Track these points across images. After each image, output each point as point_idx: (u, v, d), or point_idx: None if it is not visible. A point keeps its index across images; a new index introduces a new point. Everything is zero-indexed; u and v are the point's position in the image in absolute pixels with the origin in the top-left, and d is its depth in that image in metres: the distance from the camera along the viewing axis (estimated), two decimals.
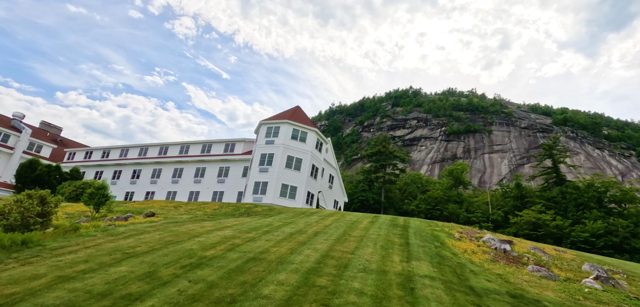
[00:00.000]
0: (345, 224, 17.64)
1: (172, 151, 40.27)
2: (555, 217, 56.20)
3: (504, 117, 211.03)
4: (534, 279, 11.89)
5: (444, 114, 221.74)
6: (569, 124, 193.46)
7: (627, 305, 10.68)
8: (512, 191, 70.05)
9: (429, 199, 70.51)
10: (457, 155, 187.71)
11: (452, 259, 13.01)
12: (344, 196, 48.25)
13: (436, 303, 7.85)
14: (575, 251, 22.38)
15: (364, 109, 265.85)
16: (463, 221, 63.83)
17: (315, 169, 33.83)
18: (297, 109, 37.35)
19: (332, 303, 6.95)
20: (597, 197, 59.95)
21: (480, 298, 8.86)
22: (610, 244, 50.01)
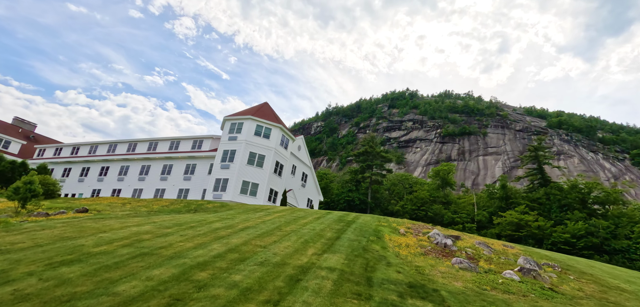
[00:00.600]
0: (287, 220, 17.53)
1: (141, 148, 40.08)
2: (538, 218, 56.15)
3: (499, 119, 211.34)
4: (451, 271, 11.82)
5: (439, 116, 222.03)
6: (564, 127, 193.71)
7: (534, 294, 10.63)
8: (498, 192, 70.00)
9: (415, 199, 70.39)
10: (452, 157, 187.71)
11: (376, 252, 12.91)
12: (319, 195, 48.02)
13: (311, 293, 7.70)
14: (523, 247, 22.35)
15: (361, 110, 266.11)
16: (447, 222, 63.74)
17: (280, 166, 33.56)
18: (265, 105, 37.21)
19: (192, 297, 6.75)
20: (581, 198, 59.89)
21: (370, 288, 8.74)
22: (590, 245, 49.93)
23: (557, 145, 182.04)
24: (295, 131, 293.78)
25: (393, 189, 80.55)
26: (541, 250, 22.97)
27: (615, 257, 47.14)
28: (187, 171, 35.19)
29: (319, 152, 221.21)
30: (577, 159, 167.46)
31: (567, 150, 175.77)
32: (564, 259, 18.42)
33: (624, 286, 14.04)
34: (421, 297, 8.66)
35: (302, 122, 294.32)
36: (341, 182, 79.39)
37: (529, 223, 55.32)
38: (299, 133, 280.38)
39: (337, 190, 75.43)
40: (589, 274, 15.35)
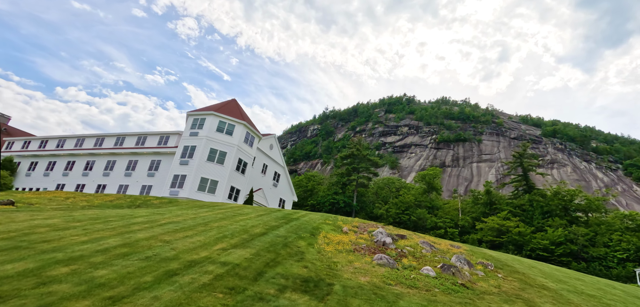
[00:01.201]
0: (225, 215, 17.37)
1: (108, 143, 39.47)
2: (519, 224, 56.16)
3: (494, 127, 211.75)
4: (366, 267, 11.75)
5: (435, 122, 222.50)
6: (558, 136, 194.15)
7: (439, 289, 10.66)
8: (482, 197, 70.03)
9: (400, 203, 70.33)
10: (446, 163, 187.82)
11: (296, 249, 12.72)
12: (293, 195, 47.74)
13: (176, 288, 7.37)
14: (470, 247, 22.37)
15: (358, 114, 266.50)
16: (430, 226, 63.71)
17: (243, 164, 33.07)
18: (231, 101, 36.96)
19: (21, 293, 6.32)
20: (563, 205, 59.91)
21: (253, 283, 8.38)
22: (568, 252, 49.91)
23: (551, 154, 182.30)
24: (291, 133, 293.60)
25: (380, 192, 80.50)
26: (490, 251, 22.96)
27: (593, 264, 47.12)
28: (151, 167, 34.79)
29: (314, 155, 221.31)
30: (570, 168, 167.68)
31: (561, 159, 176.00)
32: (506, 259, 18.44)
33: (550, 285, 14.07)
34: (305, 290, 8.54)
35: (299, 125, 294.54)
36: (327, 185, 79.35)
37: (510, 229, 55.31)
38: (296, 135, 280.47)
39: (323, 192, 75.36)
40: (522, 272, 15.38)
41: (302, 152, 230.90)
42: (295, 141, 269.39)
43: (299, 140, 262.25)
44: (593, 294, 13.54)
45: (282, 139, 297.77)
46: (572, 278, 16.44)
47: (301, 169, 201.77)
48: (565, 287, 14.01)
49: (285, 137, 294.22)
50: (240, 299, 7.26)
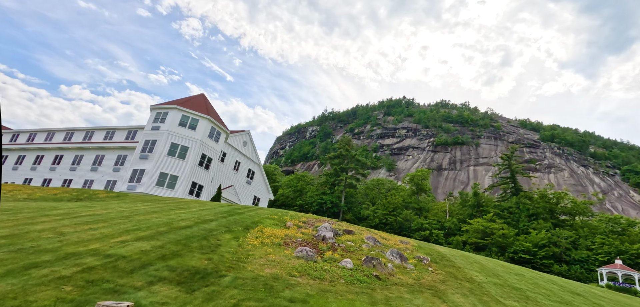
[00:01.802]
0: (161, 209, 17.03)
1: (77, 137, 39.57)
2: (503, 226, 55.89)
3: (492, 130, 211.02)
4: (281, 260, 11.61)
5: (433, 125, 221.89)
6: (556, 140, 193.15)
7: (346, 279, 10.67)
8: (470, 199, 69.73)
9: (387, 204, 70.15)
10: (443, 166, 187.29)
11: (215, 242, 12.37)
12: (269, 193, 47.42)
13: (13, 280, 7.14)
14: (419, 242, 22.31)
15: (356, 116, 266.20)
16: (415, 228, 63.43)
17: (207, 159, 32.76)
18: (199, 96, 36.67)
19: None
20: (549, 208, 59.58)
21: (127, 275, 8.24)
22: (550, 255, 49.58)
23: (548, 158, 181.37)
24: (290, 135, 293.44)
25: (369, 193, 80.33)
26: (439, 247, 22.81)
27: (574, 267, 46.78)
28: (117, 162, 34.53)
29: (312, 156, 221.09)
30: (567, 173, 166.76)
31: (559, 164, 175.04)
32: (451, 255, 18.37)
33: (479, 278, 14.02)
34: (182, 283, 8.32)
35: (298, 126, 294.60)
36: (316, 185, 79.23)
37: (495, 231, 55.06)
38: (294, 137, 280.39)
39: (311, 193, 75.23)
40: (457, 267, 15.38)
41: (300, 153, 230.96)
42: (293, 142, 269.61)
43: (298, 142, 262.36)
44: (520, 288, 13.48)
45: (281, 140, 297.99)
46: (511, 274, 16.36)
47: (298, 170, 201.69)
48: (495, 281, 13.96)
49: (284, 138, 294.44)
50: (90, 292, 6.99)
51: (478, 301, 10.58)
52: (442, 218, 68.39)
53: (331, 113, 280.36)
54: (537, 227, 54.77)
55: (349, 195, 75.32)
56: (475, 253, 55.74)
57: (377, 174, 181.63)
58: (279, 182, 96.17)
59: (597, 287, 24.28)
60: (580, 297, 14.20)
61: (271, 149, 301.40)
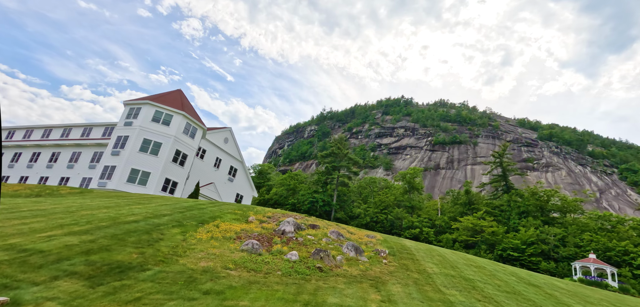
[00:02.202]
0: (108, 205, 16.48)
1: (55, 134, 39.35)
2: (493, 224, 55.80)
3: (490, 130, 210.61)
4: (221, 253, 11.38)
5: (431, 124, 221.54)
6: (554, 139, 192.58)
7: (283, 270, 10.67)
8: (462, 197, 69.64)
9: (379, 203, 70.16)
10: (440, 165, 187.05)
11: (156, 236, 12.24)
12: (253, 191, 47.15)
13: None
14: (385, 236, 22.26)
15: (355, 115, 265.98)
16: (406, 226, 63.39)
17: (181, 155, 32.59)
18: (175, 92, 36.14)
19: None
20: (539, 206, 59.46)
21: (33, 270, 8.05)
22: (539, 252, 49.48)
23: (546, 157, 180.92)
24: (289, 134, 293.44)
25: (362, 192, 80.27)
26: (407, 241, 22.71)
27: (561, 264, 46.67)
28: (93, 159, 34.19)
29: (310, 155, 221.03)
30: (565, 172, 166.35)
31: (556, 163, 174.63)
32: (415, 248, 18.34)
33: (432, 270, 13.97)
34: (93, 277, 8.13)
35: (297, 126, 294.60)
36: (308, 183, 79.17)
37: (484, 229, 54.98)
38: (293, 136, 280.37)
39: (304, 191, 75.18)
40: (416, 259, 15.32)
41: (298, 153, 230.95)
42: (292, 141, 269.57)
43: (296, 141, 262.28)
44: (472, 279, 13.44)
45: (280, 139, 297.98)
46: (471, 266, 16.30)
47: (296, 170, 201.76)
48: (448, 272, 13.92)
49: (283, 137, 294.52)
50: None
51: (417, 290, 10.54)
52: (434, 216, 68.30)
53: (330, 112, 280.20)
54: (527, 224, 54.67)
55: (341, 193, 75.26)
56: (464, 251, 55.71)
57: (375, 173, 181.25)
58: (273, 181, 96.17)
59: (566, 281, 24.23)
60: (535, 288, 14.13)
61: (270, 148, 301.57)
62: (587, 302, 13.79)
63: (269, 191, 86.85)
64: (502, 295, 11.62)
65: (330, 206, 71.28)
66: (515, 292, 12.61)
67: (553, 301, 12.49)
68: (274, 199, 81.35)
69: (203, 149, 39.64)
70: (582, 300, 14.05)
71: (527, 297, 12.18)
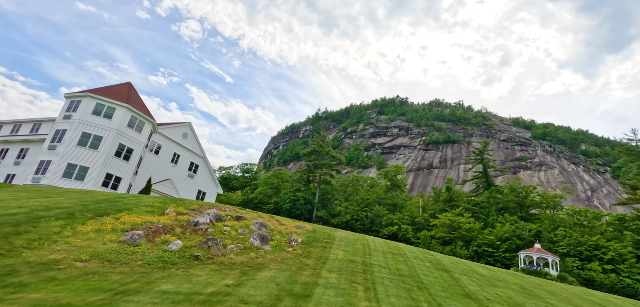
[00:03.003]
0: (12, 198, 15.72)
1: (5, 130, 38.01)
2: (470, 220, 55.57)
3: (484, 129, 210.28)
4: (91, 244, 10.85)
5: (426, 123, 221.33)
6: (548, 138, 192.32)
7: (147, 259, 10.37)
8: (443, 194, 69.37)
9: (360, 200, 69.85)
10: (433, 164, 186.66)
11: (25, 229, 11.66)
12: (217, 188, 46.49)
13: None
14: (316, 226, 21.99)
15: (350, 115, 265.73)
16: (386, 223, 63.05)
17: (126, 150, 31.94)
18: (123, 85, 35.12)
19: None
20: (518, 202, 59.20)
21: None
22: (513, 248, 49.23)
23: (539, 156, 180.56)
24: (284, 134, 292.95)
25: (346, 189, 79.96)
26: (341, 232, 22.46)
27: None
28: (19, 156, 33.32)
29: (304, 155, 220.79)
30: (558, 170, 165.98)
31: (549, 162, 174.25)
32: (340, 237, 18.09)
33: (338, 256, 13.71)
34: None
35: (292, 126, 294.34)
36: (291, 182, 78.87)
37: (461, 225, 54.73)
38: (288, 136, 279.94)
39: (286, 190, 74.90)
40: (327, 247, 15.07)
41: (293, 153, 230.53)
42: (287, 142, 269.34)
43: (291, 141, 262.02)
44: (373, 264, 13.18)
45: (275, 140, 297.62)
46: (387, 254, 16.05)
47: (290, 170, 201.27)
48: (350, 258, 13.68)
49: (278, 138, 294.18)
50: None
51: (290, 274, 10.28)
52: (416, 214, 68.00)
53: (325, 113, 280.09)
54: (502, 220, 54.46)
55: (324, 191, 74.95)
56: (441, 247, 55.45)
57: (368, 173, 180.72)
58: (260, 180, 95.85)
59: (512, 271, 23.97)
60: (442, 273, 13.83)
61: (266, 149, 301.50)
62: (493, 285, 13.51)
63: (253, 190, 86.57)
64: (389, 278, 11.36)
65: (311, 204, 70.95)
66: (411, 275, 12.34)
67: (449, 282, 12.22)
68: (258, 198, 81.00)
69: (158, 144, 39.27)
70: (488, 282, 13.78)
71: (420, 279, 11.92)
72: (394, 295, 9.57)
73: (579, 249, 43.60)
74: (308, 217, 71.09)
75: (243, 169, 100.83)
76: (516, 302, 11.62)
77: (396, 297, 9.43)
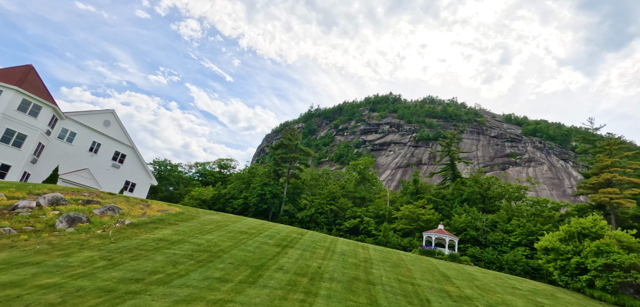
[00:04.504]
0: None
1: None
2: (431, 212, 54.77)
3: (475, 125, 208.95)
4: None
5: (417, 120, 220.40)
6: (538, 134, 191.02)
7: None
8: (410, 187, 68.55)
9: (327, 194, 69.03)
10: (423, 161, 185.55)
11: None
12: (150, 179, 45.10)
13: None
14: (183, 208, 21.21)
15: (343, 112, 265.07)
16: (349, 216, 62.24)
17: (18, 136, 30.24)
18: (20, 67, 32.88)
19: None
20: (481, 193, 58.36)
21: None
22: (468, 238, 48.48)
23: (529, 152, 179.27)
24: (278, 132, 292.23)
25: (319, 182, 79.20)
26: (211, 212, 21.72)
27: (487, 249, 45.53)
28: None
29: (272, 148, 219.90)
30: (547, 167, 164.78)
31: (539, 158, 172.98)
32: (176, 212, 17.32)
33: (212, 240, 12.95)
34: None
35: (285, 123, 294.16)
36: (261, 176, 78.13)
37: (420, 216, 53.95)
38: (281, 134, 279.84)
39: (254, 184, 74.18)
40: (146, 230, 14.31)
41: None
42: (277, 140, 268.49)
43: None
44: (224, 248, 12.41)
45: (269, 137, 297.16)
46: (224, 231, 15.28)
47: None
48: (162, 237, 12.93)
49: (272, 135, 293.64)
50: None
51: (44, 250, 9.58)
52: (384, 207, 67.19)
53: (317, 110, 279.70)
54: (461, 211, 53.69)
55: (294, 186, 74.23)
56: (401, 239, 54.61)
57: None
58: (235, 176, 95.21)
59: (413, 253, 23.19)
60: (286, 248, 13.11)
61: (259, 147, 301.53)
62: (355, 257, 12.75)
63: (226, 186, 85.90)
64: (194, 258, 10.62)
65: (279, 198, 70.21)
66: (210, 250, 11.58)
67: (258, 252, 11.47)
68: (231, 194, 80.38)
69: (72, 132, 37.80)
70: (352, 255, 13.03)
71: (230, 252, 11.17)
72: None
73: (531, 238, 42.77)
74: (276, 211, 70.44)
75: (220, 164, 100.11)
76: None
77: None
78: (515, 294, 15.94)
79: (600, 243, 23.96)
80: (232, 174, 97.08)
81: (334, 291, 10.18)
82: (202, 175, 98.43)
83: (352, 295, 10.21)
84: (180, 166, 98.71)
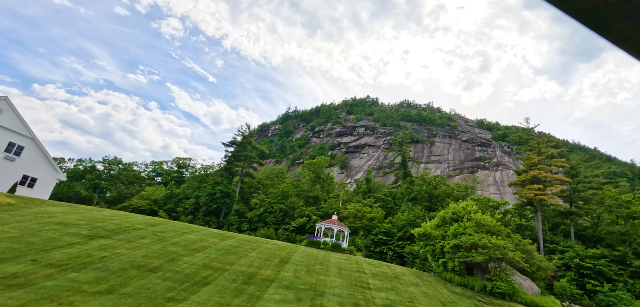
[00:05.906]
0: None
1: None
2: (376, 209, 54.15)
3: (448, 130, 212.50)
4: None
5: (392, 123, 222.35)
6: (507, 139, 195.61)
7: None
8: (362, 186, 67.88)
9: (279, 193, 67.52)
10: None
11: None
12: (57, 173, 41.96)
13: None
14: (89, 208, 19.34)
15: (320, 114, 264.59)
16: (297, 215, 60.88)
17: None
18: None
19: None
20: (428, 192, 58.22)
21: None
22: (407, 236, 47.98)
23: (498, 156, 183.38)
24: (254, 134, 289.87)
25: (269, 183, 77.56)
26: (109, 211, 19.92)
27: (420, 243, 45.07)
28: None
29: (269, 154, 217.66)
30: (513, 171, 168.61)
31: (506, 162, 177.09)
32: None
33: None
34: None
35: (263, 125, 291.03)
36: (214, 175, 75.90)
37: (364, 214, 53.19)
38: (258, 135, 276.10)
39: (207, 183, 71.91)
40: None
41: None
42: (256, 140, 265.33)
43: (259, 140, 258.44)
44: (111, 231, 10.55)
45: None
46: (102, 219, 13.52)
47: None
48: None
49: None
50: None
51: None
52: (336, 206, 66.21)
53: (294, 112, 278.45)
54: (405, 209, 53.30)
55: (248, 185, 72.35)
56: (350, 236, 53.69)
57: (329, 172, 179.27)
58: None
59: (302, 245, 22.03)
60: None
61: None
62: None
63: (180, 186, 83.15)
64: None
65: (230, 197, 68.15)
66: None
67: None
68: (184, 193, 77.79)
69: None
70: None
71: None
72: None
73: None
74: (227, 211, 68.37)
75: (178, 163, 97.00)
76: None
77: None
78: (362, 276, 14.91)
79: (457, 226, 24.69)
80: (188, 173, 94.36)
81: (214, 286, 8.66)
82: (159, 174, 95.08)
83: None
84: (136, 164, 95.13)
